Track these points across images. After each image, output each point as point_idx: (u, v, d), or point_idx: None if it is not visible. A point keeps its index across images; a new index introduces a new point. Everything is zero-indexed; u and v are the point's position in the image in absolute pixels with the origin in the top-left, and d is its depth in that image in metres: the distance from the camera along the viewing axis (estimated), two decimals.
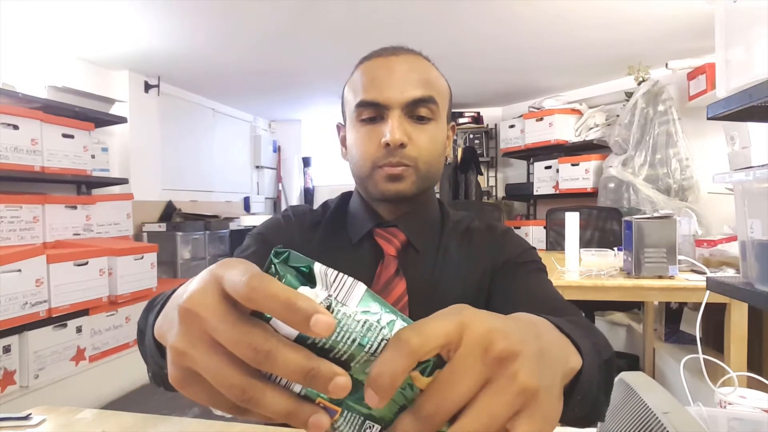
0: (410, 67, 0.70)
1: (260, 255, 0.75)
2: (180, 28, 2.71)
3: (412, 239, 0.75)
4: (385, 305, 0.31)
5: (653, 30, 2.73)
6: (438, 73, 0.76)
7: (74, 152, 2.68)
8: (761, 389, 1.00)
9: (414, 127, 0.70)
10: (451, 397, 0.27)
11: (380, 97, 0.69)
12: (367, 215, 0.77)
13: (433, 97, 0.70)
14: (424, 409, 0.27)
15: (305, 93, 4.23)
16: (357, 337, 0.29)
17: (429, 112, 0.70)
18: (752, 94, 0.76)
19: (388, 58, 0.71)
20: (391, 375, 0.26)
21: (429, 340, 0.27)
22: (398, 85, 0.69)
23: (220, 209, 4.34)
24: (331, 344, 0.28)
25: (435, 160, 0.73)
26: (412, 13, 2.53)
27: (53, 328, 2.30)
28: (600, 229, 2.81)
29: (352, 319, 0.29)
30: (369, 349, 0.29)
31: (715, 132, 2.90)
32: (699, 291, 1.53)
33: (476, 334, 0.28)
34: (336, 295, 0.29)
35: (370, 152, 0.70)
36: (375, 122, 0.70)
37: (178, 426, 0.68)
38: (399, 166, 0.69)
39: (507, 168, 4.73)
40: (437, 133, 0.72)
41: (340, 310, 0.29)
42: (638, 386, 0.74)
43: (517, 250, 0.76)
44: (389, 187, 0.70)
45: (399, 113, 0.68)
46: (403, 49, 0.74)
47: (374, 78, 0.70)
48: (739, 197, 0.92)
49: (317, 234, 0.80)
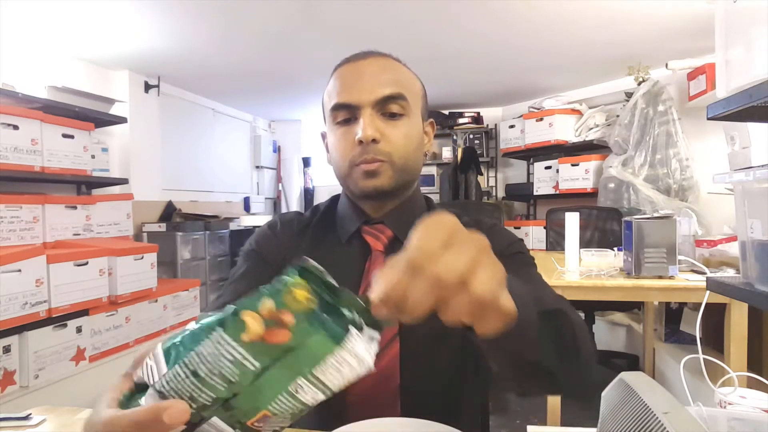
0: (379, 68, 0.74)
1: (251, 274, 0.77)
2: (180, 28, 2.71)
3: (398, 234, 0.77)
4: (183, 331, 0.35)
5: (653, 30, 2.72)
6: (410, 72, 0.79)
7: (74, 152, 2.68)
8: (761, 389, 1.00)
9: (387, 123, 0.73)
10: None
11: (351, 98, 0.72)
12: (354, 214, 0.79)
13: (402, 94, 0.73)
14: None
15: (305, 93, 4.23)
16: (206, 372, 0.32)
17: (400, 108, 0.73)
18: (752, 94, 0.76)
19: (358, 62, 0.75)
20: None
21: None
22: (368, 85, 0.72)
23: (220, 209, 4.34)
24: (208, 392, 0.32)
25: (411, 154, 0.75)
26: (411, 14, 2.53)
27: (53, 328, 2.30)
28: (600, 229, 2.81)
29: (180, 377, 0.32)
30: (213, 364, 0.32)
31: (715, 132, 2.90)
32: (699, 291, 1.53)
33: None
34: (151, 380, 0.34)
35: (346, 151, 0.73)
36: (350, 123, 0.73)
37: None
38: (374, 162, 0.72)
39: (507, 168, 4.73)
40: (410, 129, 0.75)
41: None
42: (638, 386, 0.74)
43: (503, 243, 0.77)
44: (367, 183, 0.73)
45: (370, 111, 0.71)
46: (373, 53, 0.77)
47: (345, 81, 0.74)
48: (739, 197, 0.92)
49: (307, 236, 0.82)
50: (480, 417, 0.92)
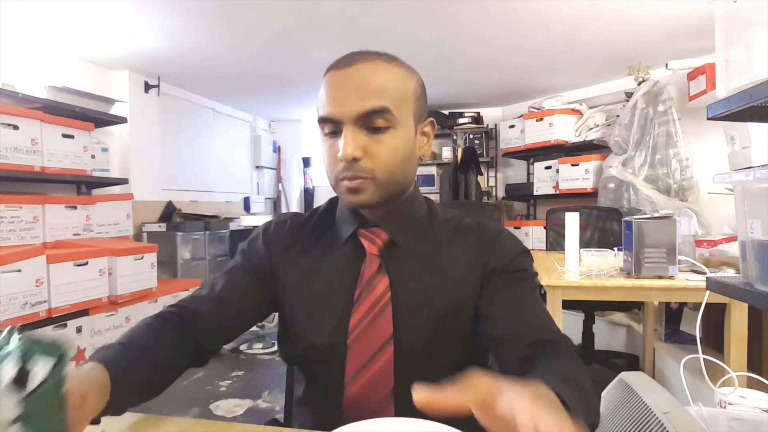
0: (363, 78, 0.70)
1: (237, 270, 0.83)
2: (180, 28, 2.71)
3: (394, 237, 0.77)
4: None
5: (653, 30, 2.72)
6: (403, 72, 0.74)
7: (74, 152, 2.68)
8: (761, 389, 1.00)
9: (370, 138, 0.70)
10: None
11: (334, 112, 0.70)
12: (351, 217, 0.79)
13: (386, 107, 0.69)
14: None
15: (305, 93, 4.23)
16: None
17: (385, 122, 0.70)
18: (752, 94, 0.76)
19: (343, 70, 0.71)
20: None
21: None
22: (351, 98, 0.69)
23: (220, 209, 4.34)
24: None
25: (396, 167, 0.72)
26: (411, 14, 2.53)
27: (53, 328, 2.30)
28: (600, 229, 2.81)
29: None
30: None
31: (715, 132, 2.90)
32: (699, 291, 1.53)
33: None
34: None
35: (331, 165, 0.73)
36: (335, 136, 0.72)
37: (178, 426, 0.68)
38: (356, 179, 0.70)
39: (507, 168, 4.73)
40: (396, 141, 0.71)
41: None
42: (638, 386, 0.74)
43: (508, 256, 0.76)
44: (351, 199, 0.73)
45: (352, 127, 0.69)
46: (361, 56, 0.72)
47: (330, 93, 0.71)
48: (739, 197, 0.92)
49: (303, 236, 0.83)
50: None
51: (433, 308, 0.74)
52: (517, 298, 0.74)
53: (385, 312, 0.73)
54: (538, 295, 0.76)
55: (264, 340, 3.40)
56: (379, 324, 0.72)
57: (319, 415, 0.79)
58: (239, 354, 3.31)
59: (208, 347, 0.77)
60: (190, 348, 0.74)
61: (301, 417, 0.83)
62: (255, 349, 3.34)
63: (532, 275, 0.78)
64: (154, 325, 0.72)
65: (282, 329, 0.83)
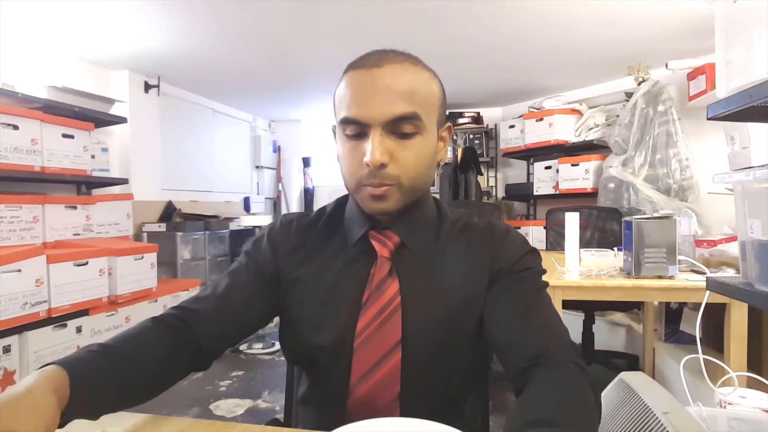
0: (393, 81, 0.68)
1: (242, 271, 0.81)
2: (180, 28, 2.71)
3: (405, 240, 0.76)
4: None
5: (653, 30, 2.72)
6: (427, 77, 0.73)
7: (74, 152, 2.68)
8: (761, 389, 1.00)
9: (397, 143, 0.68)
10: None
11: (361, 114, 0.67)
12: (361, 219, 0.77)
13: (416, 113, 0.68)
14: None
15: (305, 93, 4.23)
16: None
17: (413, 128, 0.68)
18: (752, 94, 0.76)
19: (371, 70, 0.68)
20: None
21: None
22: (379, 102, 0.67)
23: (220, 209, 4.34)
24: None
25: (421, 174, 0.71)
26: (411, 15, 2.53)
27: (53, 328, 2.30)
28: (600, 229, 2.81)
29: None
30: None
31: (715, 132, 2.90)
32: (699, 291, 1.53)
33: None
34: None
35: (354, 170, 0.70)
36: (359, 138, 0.69)
37: (178, 426, 0.68)
38: (381, 186, 0.69)
39: (507, 168, 4.73)
40: (422, 148, 0.70)
41: None
42: (638, 386, 0.74)
43: (514, 257, 0.75)
44: (373, 206, 0.71)
45: (380, 131, 0.67)
46: (389, 56, 0.70)
47: (356, 94, 0.68)
48: (739, 197, 0.92)
49: (311, 237, 0.81)
50: (480, 417, 0.92)
51: (442, 313, 0.73)
52: (521, 303, 0.71)
53: (394, 316, 0.72)
54: (544, 296, 0.74)
55: (264, 340, 3.40)
56: (388, 328, 0.71)
57: (324, 415, 0.78)
58: (239, 354, 3.31)
59: (209, 350, 0.75)
60: (190, 351, 0.72)
61: (305, 416, 0.82)
62: (255, 349, 3.35)
63: (538, 274, 0.76)
64: (149, 328, 0.71)
65: (287, 330, 0.81)
